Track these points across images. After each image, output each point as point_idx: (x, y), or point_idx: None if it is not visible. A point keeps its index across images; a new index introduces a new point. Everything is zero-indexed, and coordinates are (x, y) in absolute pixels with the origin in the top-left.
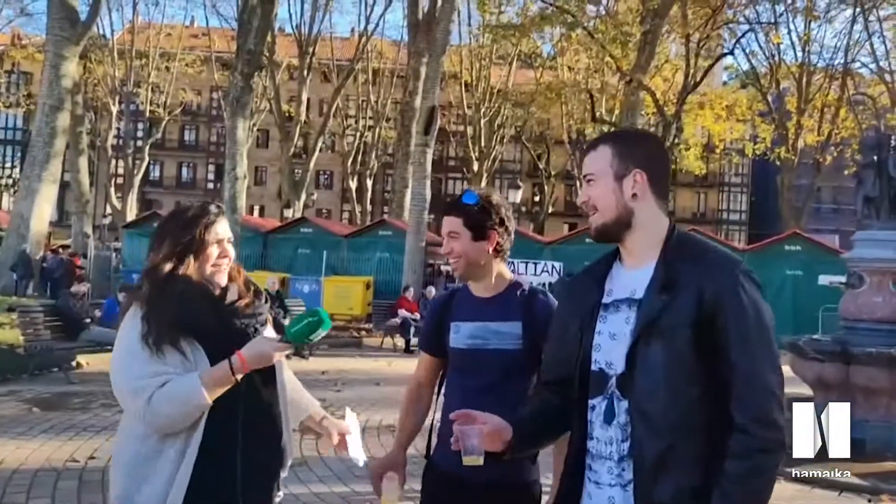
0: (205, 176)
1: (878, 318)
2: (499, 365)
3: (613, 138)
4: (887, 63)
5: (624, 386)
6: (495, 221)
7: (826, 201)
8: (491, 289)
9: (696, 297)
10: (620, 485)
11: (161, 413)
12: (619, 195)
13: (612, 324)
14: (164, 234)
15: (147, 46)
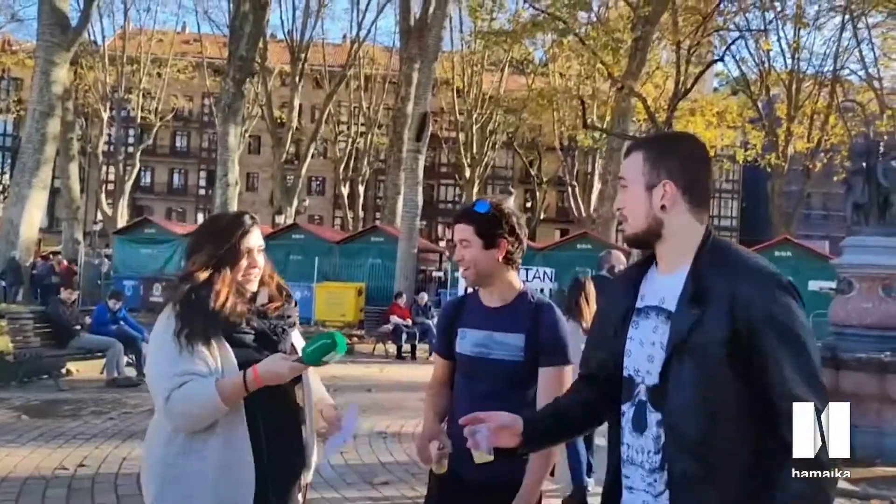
0: (196, 182)
1: (867, 323)
2: (499, 374)
3: (647, 145)
4: (876, 70)
5: (656, 399)
6: (505, 230)
7: (816, 207)
8: (499, 298)
9: (728, 312)
10: (652, 494)
11: (177, 413)
12: (647, 206)
13: (642, 330)
14: (201, 242)
15: (138, 52)
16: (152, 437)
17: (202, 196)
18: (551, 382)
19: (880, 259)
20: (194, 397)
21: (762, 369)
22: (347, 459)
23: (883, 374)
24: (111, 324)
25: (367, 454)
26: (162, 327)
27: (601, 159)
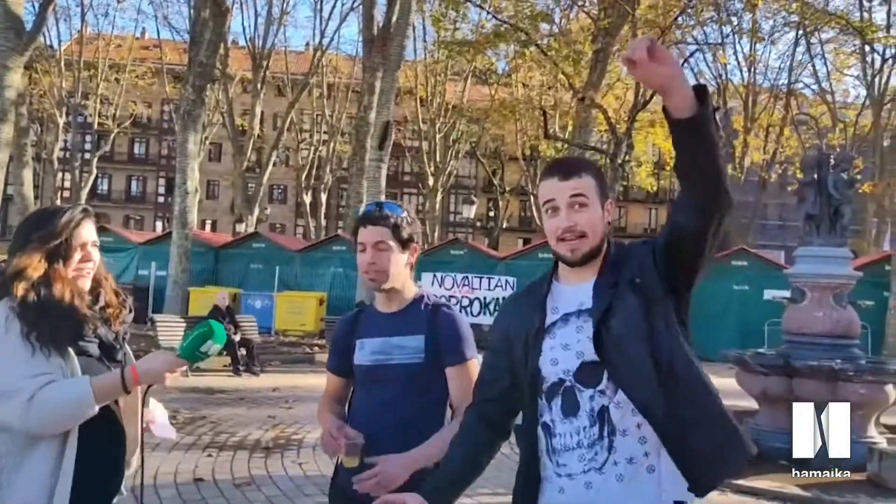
0: (155, 189)
1: (818, 331)
2: (401, 378)
3: (592, 168)
4: (828, 84)
5: (585, 377)
6: (418, 234)
7: (772, 218)
8: (397, 303)
9: (630, 277)
10: (595, 469)
11: (43, 413)
12: (603, 223)
13: (562, 337)
14: (28, 235)
15: (96, 57)
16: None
17: (161, 204)
18: (460, 380)
19: (831, 269)
20: (65, 397)
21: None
22: (306, 471)
23: (834, 381)
24: None
25: (326, 465)
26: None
27: None
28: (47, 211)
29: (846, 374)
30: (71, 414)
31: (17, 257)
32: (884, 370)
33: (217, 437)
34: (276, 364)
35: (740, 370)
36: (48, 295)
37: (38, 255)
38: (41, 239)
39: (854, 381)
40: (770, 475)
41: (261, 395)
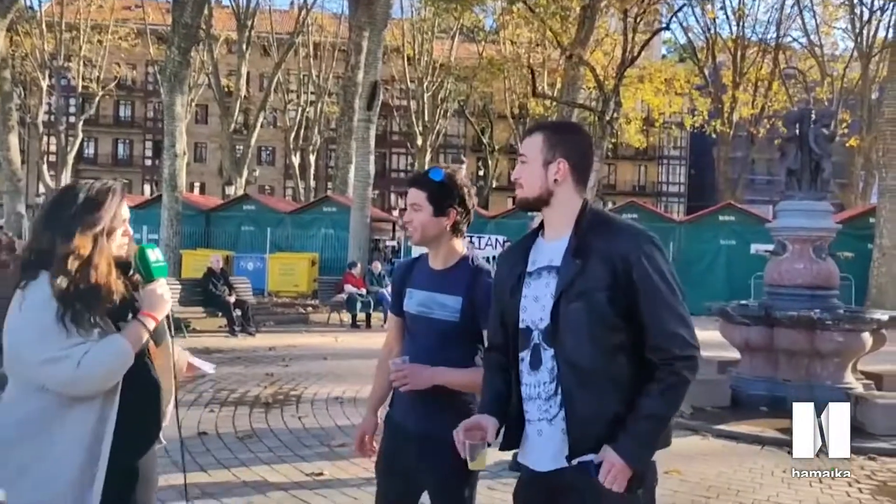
0: (142, 153)
1: (799, 283)
2: (437, 332)
3: (547, 128)
4: (817, 37)
5: (548, 338)
6: (456, 200)
7: (760, 173)
8: (442, 261)
9: (608, 263)
10: (547, 419)
11: (91, 376)
12: (543, 179)
13: (535, 288)
14: (74, 217)
15: (77, 19)
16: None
17: (149, 167)
18: None
19: (812, 222)
20: (108, 356)
21: (637, 307)
22: (305, 424)
23: (813, 330)
24: None
25: (325, 419)
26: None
27: None
28: (88, 187)
29: (824, 323)
30: (114, 370)
31: (67, 239)
32: (861, 319)
33: (218, 394)
34: (271, 325)
35: (723, 321)
36: (92, 273)
37: (88, 238)
38: (94, 221)
39: (832, 329)
40: (750, 420)
41: (258, 354)
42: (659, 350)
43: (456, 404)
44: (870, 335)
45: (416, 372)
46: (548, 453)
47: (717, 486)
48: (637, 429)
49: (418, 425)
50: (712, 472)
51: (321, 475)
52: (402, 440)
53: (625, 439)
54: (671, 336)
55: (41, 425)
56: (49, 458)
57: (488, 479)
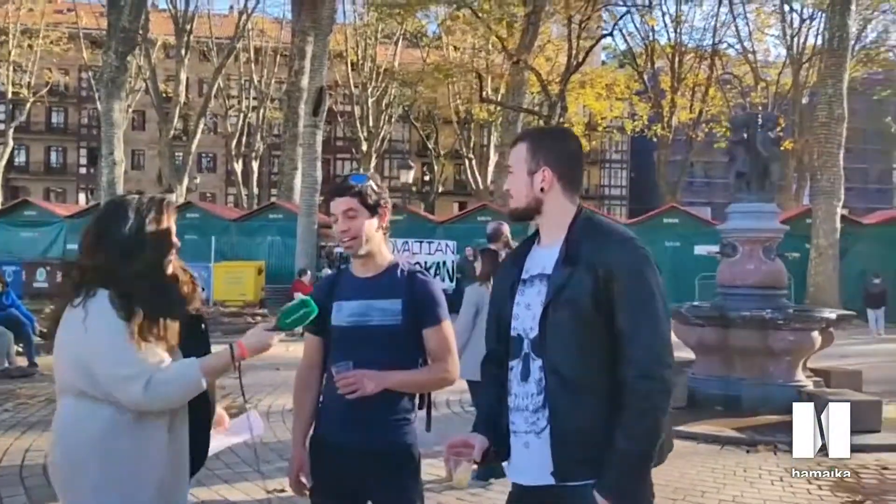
0: (76, 160)
1: (750, 283)
2: (378, 339)
3: (531, 137)
4: (750, 44)
5: (537, 348)
6: (385, 200)
7: (699, 175)
8: (374, 268)
9: (593, 270)
10: (535, 432)
11: (159, 396)
12: (529, 188)
13: (527, 296)
14: (129, 237)
15: (6, 22)
16: (78, 425)
17: (83, 175)
18: (436, 338)
19: (761, 224)
20: (179, 379)
21: (615, 315)
22: (263, 439)
23: (765, 329)
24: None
25: (282, 432)
26: (109, 319)
27: (497, 132)
28: (139, 209)
29: (776, 323)
30: (183, 395)
31: (126, 258)
32: (810, 318)
33: None
34: (218, 335)
35: (677, 322)
36: (156, 292)
37: (147, 257)
38: (152, 238)
39: (783, 328)
40: (706, 420)
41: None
42: (632, 364)
43: (394, 413)
44: (819, 334)
45: (364, 377)
46: (534, 468)
47: (682, 488)
48: (617, 466)
49: (359, 440)
50: (675, 474)
51: (283, 491)
52: (339, 459)
53: (609, 475)
54: (645, 349)
55: (113, 442)
56: (131, 463)
57: (456, 490)
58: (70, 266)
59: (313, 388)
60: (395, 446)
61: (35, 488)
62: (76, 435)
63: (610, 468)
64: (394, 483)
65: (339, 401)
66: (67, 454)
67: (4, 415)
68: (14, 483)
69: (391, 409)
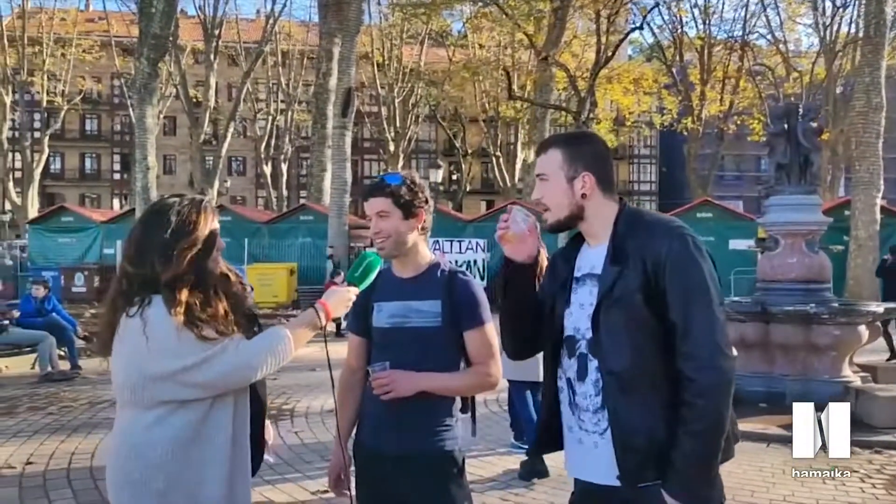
0: (110, 167)
1: (792, 277)
2: (418, 342)
3: (564, 143)
4: (782, 34)
5: (593, 348)
6: (422, 200)
7: (729, 169)
8: (413, 268)
9: (641, 264)
10: (598, 433)
11: (250, 361)
12: (570, 196)
13: (580, 295)
14: (171, 240)
15: (40, 32)
16: (146, 437)
17: (117, 181)
18: (478, 341)
19: (803, 216)
20: (266, 345)
21: (667, 310)
22: (303, 439)
23: (808, 324)
24: (38, 315)
25: (322, 432)
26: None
27: (523, 129)
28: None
29: (821, 317)
30: (274, 360)
31: (168, 264)
32: (856, 311)
33: None
34: None
35: None
36: (207, 293)
37: (190, 259)
38: (191, 244)
39: (828, 323)
40: (750, 418)
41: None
42: (688, 357)
43: (432, 417)
44: (866, 328)
45: (400, 377)
46: (604, 467)
47: (730, 487)
48: (683, 465)
49: (395, 445)
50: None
51: (326, 493)
52: (378, 465)
53: (675, 475)
54: (701, 341)
55: (187, 442)
56: (197, 467)
57: (498, 490)
58: (116, 274)
59: (356, 390)
60: (433, 451)
61: (83, 491)
62: (147, 447)
63: (676, 468)
64: (434, 490)
65: (377, 404)
66: (136, 469)
67: (48, 418)
68: (62, 486)
69: (429, 413)
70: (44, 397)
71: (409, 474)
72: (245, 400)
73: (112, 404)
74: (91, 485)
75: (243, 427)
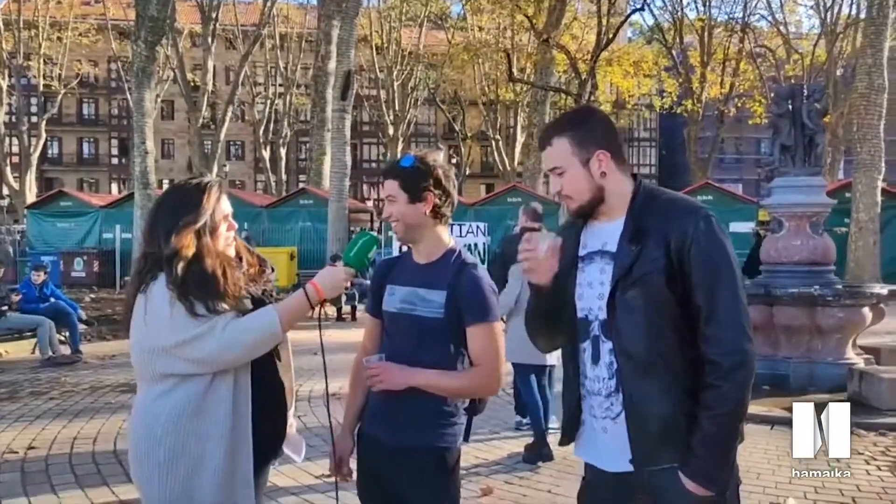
0: (108, 151)
1: (796, 260)
2: (419, 331)
3: (566, 128)
4: (783, 15)
5: (606, 330)
6: (431, 184)
7: (729, 152)
8: (426, 254)
9: (664, 245)
10: (610, 417)
11: (235, 342)
12: (589, 179)
13: (588, 274)
14: (176, 217)
15: (35, 16)
16: (153, 409)
17: (115, 165)
18: (480, 340)
19: (807, 198)
20: (254, 324)
21: (691, 292)
22: (306, 423)
23: (813, 307)
24: (40, 300)
25: (325, 416)
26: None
27: (523, 112)
28: (188, 190)
29: (825, 299)
30: (259, 340)
31: (171, 239)
32: (861, 293)
33: None
34: None
35: None
36: (203, 269)
37: (190, 235)
38: (192, 221)
39: (833, 305)
40: (754, 400)
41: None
42: (712, 342)
43: (427, 410)
44: (870, 310)
45: (390, 370)
46: (616, 452)
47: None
48: (705, 448)
49: (391, 437)
50: None
51: (330, 477)
52: (373, 454)
53: (696, 458)
54: (726, 325)
55: (188, 417)
56: (197, 440)
57: (503, 474)
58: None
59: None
60: (424, 445)
61: (85, 476)
62: (151, 419)
63: (697, 451)
64: (424, 484)
65: (377, 393)
66: (144, 437)
67: (50, 403)
68: (65, 471)
69: (424, 406)
70: (45, 382)
71: (402, 466)
72: (246, 374)
73: (113, 389)
74: (93, 469)
75: (245, 402)
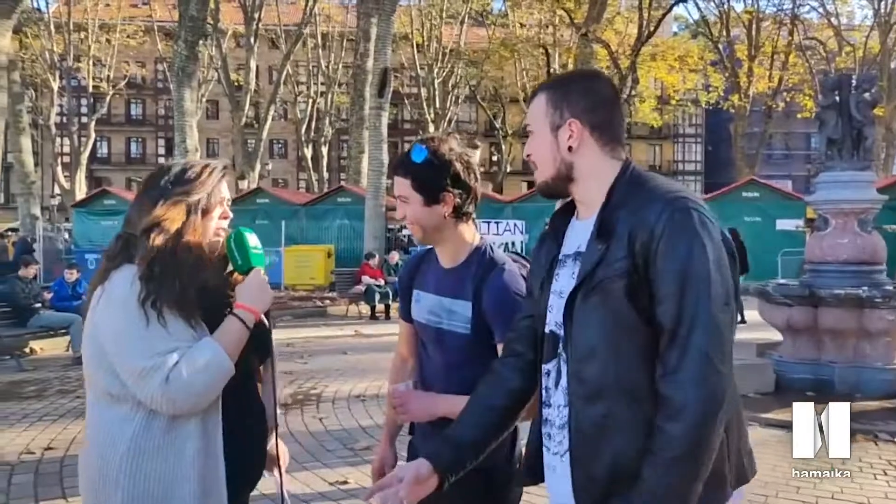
0: (155, 150)
1: (843, 259)
2: (450, 347)
3: (549, 85)
4: (834, 6)
5: (564, 346)
6: (447, 182)
7: (777, 147)
8: (451, 257)
9: (628, 242)
10: (559, 454)
11: (184, 392)
12: (555, 149)
13: (561, 281)
14: (168, 186)
15: (85, 18)
16: (110, 438)
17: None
18: None
19: (855, 194)
20: (201, 366)
21: (653, 301)
22: (327, 426)
23: (860, 308)
24: (72, 298)
25: (346, 419)
26: (123, 299)
27: None
28: (187, 165)
29: (874, 301)
30: (211, 383)
31: (151, 209)
32: None
33: None
34: (288, 319)
35: (762, 301)
36: (182, 253)
37: (181, 208)
38: (186, 192)
39: (882, 307)
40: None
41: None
42: (668, 369)
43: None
44: None
45: (414, 401)
46: (564, 497)
47: (773, 483)
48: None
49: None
50: (765, 467)
51: (346, 483)
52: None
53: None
54: (687, 349)
55: (149, 457)
56: (160, 484)
57: None
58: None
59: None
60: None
61: None
62: (109, 450)
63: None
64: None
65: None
66: (100, 469)
67: (75, 402)
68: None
69: None
70: (74, 380)
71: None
72: (216, 403)
73: None
74: None
75: (215, 436)
